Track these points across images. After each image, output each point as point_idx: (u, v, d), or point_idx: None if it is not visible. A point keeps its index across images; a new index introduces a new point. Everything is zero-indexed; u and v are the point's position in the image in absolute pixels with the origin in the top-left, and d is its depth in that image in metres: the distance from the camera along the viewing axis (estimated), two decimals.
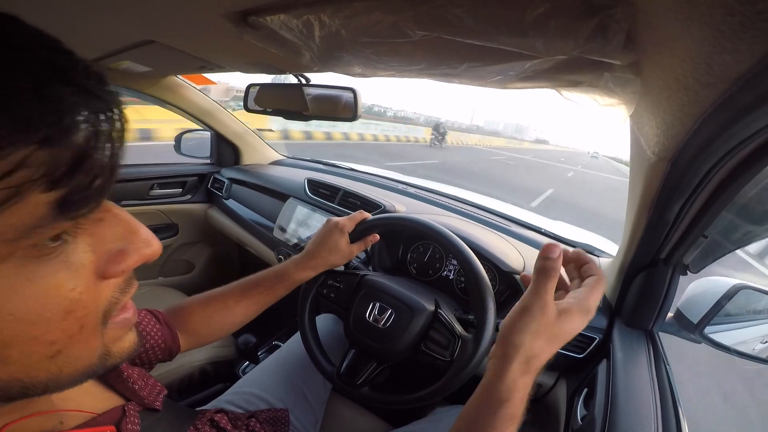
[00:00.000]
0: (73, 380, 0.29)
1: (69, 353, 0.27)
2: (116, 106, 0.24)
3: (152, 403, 0.46)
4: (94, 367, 0.30)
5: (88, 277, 0.27)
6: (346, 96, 1.04)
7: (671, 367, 0.77)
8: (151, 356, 0.61)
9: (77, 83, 0.22)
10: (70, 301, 0.25)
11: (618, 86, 0.46)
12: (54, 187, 0.21)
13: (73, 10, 0.65)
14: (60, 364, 0.26)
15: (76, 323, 0.26)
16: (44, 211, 0.21)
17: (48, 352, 0.25)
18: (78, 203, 0.23)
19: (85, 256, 0.26)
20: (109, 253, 0.28)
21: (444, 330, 0.77)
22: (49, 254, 0.24)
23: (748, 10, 0.25)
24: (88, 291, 0.26)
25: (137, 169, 1.60)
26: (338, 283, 0.86)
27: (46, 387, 0.27)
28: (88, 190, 0.23)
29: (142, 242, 0.30)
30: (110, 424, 0.37)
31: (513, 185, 11.15)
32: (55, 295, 0.24)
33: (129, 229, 0.29)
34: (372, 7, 0.45)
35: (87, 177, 0.22)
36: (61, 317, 0.25)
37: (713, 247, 0.71)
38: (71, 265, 0.25)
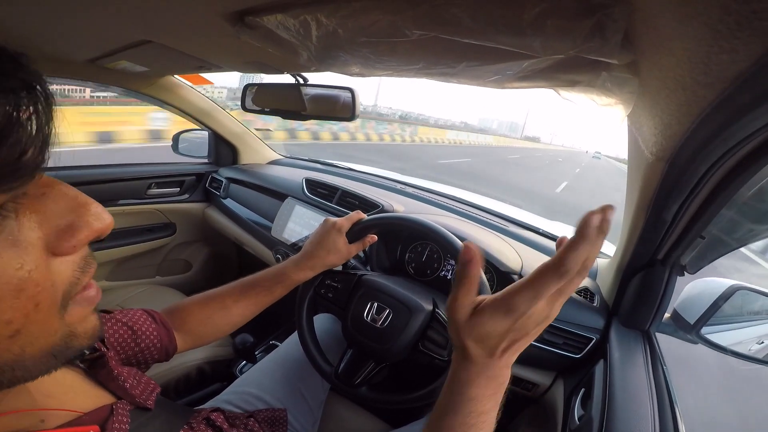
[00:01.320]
0: (39, 362, 0.28)
1: (28, 332, 0.26)
2: (37, 83, 0.24)
3: (144, 402, 0.46)
4: (58, 347, 0.29)
5: (37, 254, 0.26)
6: (344, 96, 1.04)
7: (668, 368, 0.77)
8: (147, 356, 0.61)
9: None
10: (18, 279, 0.25)
11: (615, 86, 0.46)
12: None
13: (69, 10, 0.64)
14: (21, 343, 0.26)
15: (30, 301, 0.26)
16: None
17: (6, 332, 0.25)
18: (8, 176, 0.23)
19: (31, 234, 0.26)
20: (57, 229, 0.28)
21: (442, 329, 0.77)
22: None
23: (744, 10, 0.25)
24: (38, 269, 0.26)
25: (135, 168, 1.59)
26: (336, 283, 0.86)
27: (14, 370, 0.27)
28: (17, 163, 0.23)
29: (92, 216, 0.29)
30: (95, 423, 0.36)
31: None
32: (2, 273, 0.24)
33: (77, 203, 0.29)
34: (369, 6, 0.45)
35: (14, 150, 0.23)
36: (12, 295, 0.25)
37: (710, 248, 0.71)
38: (16, 242, 0.25)
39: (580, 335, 0.88)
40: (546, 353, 0.90)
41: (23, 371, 0.28)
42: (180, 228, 1.80)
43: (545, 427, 0.96)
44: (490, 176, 12.14)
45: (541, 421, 1.00)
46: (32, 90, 0.24)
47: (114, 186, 1.50)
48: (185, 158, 1.81)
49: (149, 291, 1.49)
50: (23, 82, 0.23)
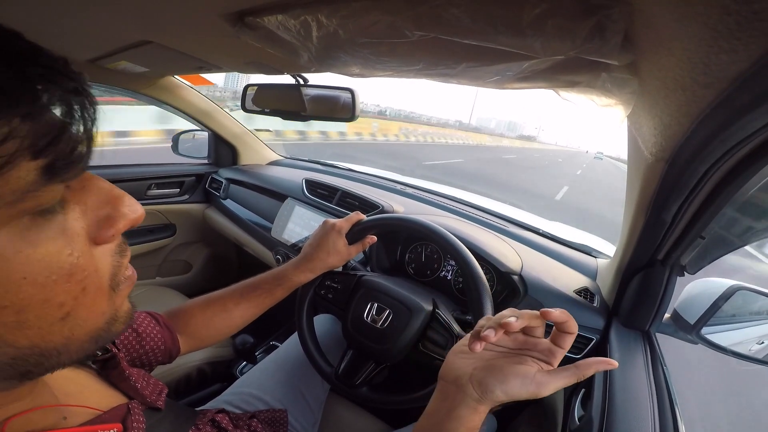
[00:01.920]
0: (82, 347, 0.31)
1: (77, 315, 0.29)
2: (84, 84, 0.27)
3: (155, 402, 0.47)
4: (101, 331, 0.32)
5: (83, 242, 0.29)
6: (344, 96, 1.04)
7: (668, 368, 0.77)
8: (151, 358, 0.61)
9: (47, 65, 0.25)
10: (70, 265, 0.27)
11: (615, 86, 0.46)
12: (39, 155, 0.24)
13: (70, 11, 0.64)
14: (71, 325, 0.29)
15: (78, 285, 0.28)
16: (34, 176, 0.24)
17: (59, 314, 0.28)
18: (63, 169, 0.25)
19: (77, 224, 0.29)
20: (98, 219, 0.30)
21: (442, 330, 0.77)
22: (47, 220, 0.26)
23: (744, 10, 0.25)
24: (84, 255, 0.29)
25: (134, 169, 1.59)
26: (336, 284, 0.86)
27: (59, 354, 0.29)
28: (70, 157, 0.26)
29: (127, 207, 0.32)
30: (116, 421, 0.37)
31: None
32: (57, 259, 0.27)
33: (113, 196, 0.32)
34: (369, 7, 0.45)
35: (67, 146, 0.25)
36: (65, 279, 0.27)
37: (710, 248, 0.71)
38: (66, 231, 0.28)
39: (580, 335, 0.88)
40: None
41: (67, 356, 0.30)
42: (180, 229, 1.80)
43: (545, 428, 0.96)
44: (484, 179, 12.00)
45: (541, 422, 1.00)
46: (82, 92, 0.26)
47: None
48: (185, 159, 1.81)
49: (149, 292, 1.49)
50: (76, 85, 0.26)
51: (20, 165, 0.23)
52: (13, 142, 0.22)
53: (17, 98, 0.23)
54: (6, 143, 0.22)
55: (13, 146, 0.22)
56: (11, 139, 0.22)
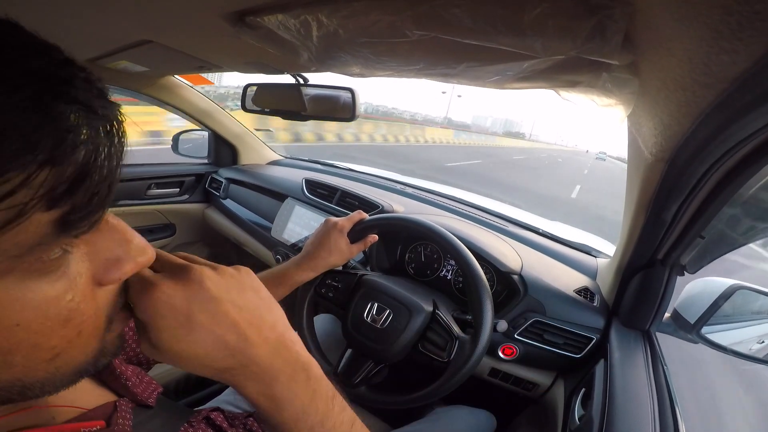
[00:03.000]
0: (68, 380, 0.29)
1: (67, 356, 0.27)
2: (116, 120, 0.24)
3: (146, 400, 0.46)
4: (88, 365, 0.30)
5: (85, 285, 0.27)
6: (344, 96, 1.04)
7: (668, 367, 0.77)
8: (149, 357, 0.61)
9: (79, 100, 0.22)
10: (68, 311, 0.26)
11: (616, 86, 0.46)
12: (54, 205, 0.21)
13: (70, 10, 0.64)
14: (57, 365, 0.27)
15: (74, 330, 0.27)
16: (46, 229, 0.21)
17: (48, 356, 0.26)
18: (78, 221, 0.23)
19: (82, 266, 0.27)
20: (105, 262, 0.28)
21: (441, 331, 0.77)
22: (49, 267, 0.24)
23: (745, 10, 0.25)
24: (85, 300, 0.27)
25: (134, 169, 1.59)
26: (336, 283, 0.86)
27: (43, 386, 0.27)
28: (88, 207, 0.23)
29: (136, 250, 0.30)
30: (101, 419, 0.37)
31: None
32: (55, 305, 0.25)
33: (124, 238, 0.29)
34: (370, 7, 0.45)
35: (86, 195, 0.22)
36: (60, 325, 0.25)
37: (710, 248, 0.71)
38: (69, 276, 0.25)
39: (581, 335, 0.88)
40: (546, 353, 0.90)
41: (51, 387, 0.28)
42: (180, 229, 1.80)
43: (545, 427, 0.96)
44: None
45: (542, 421, 1.00)
46: (112, 128, 0.24)
47: None
48: (185, 159, 1.81)
49: None
50: (107, 120, 0.23)
51: (32, 218, 0.20)
52: (27, 192, 0.19)
53: (37, 143, 0.19)
54: (17, 194, 0.19)
55: (26, 196, 0.19)
56: (25, 188, 0.19)
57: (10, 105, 0.19)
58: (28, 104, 0.19)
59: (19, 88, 0.19)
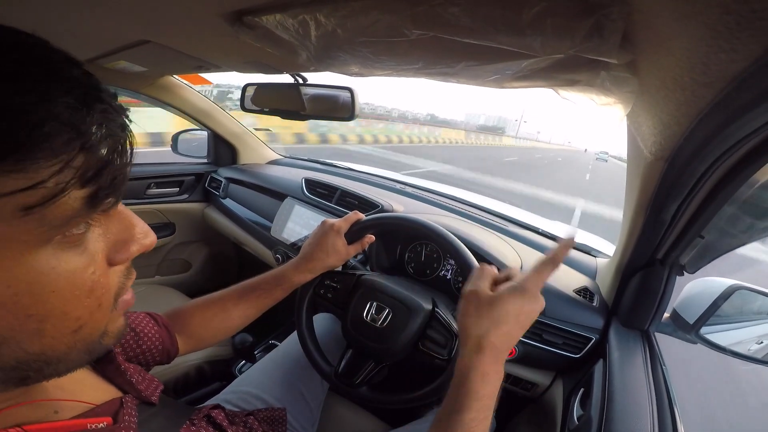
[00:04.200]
0: (79, 357, 0.32)
1: (87, 328, 0.31)
2: (128, 119, 0.30)
3: (149, 397, 0.47)
4: (95, 344, 0.33)
5: (102, 262, 0.31)
6: (343, 95, 1.04)
7: (667, 368, 0.77)
8: (148, 358, 0.61)
9: (107, 102, 0.28)
10: (92, 282, 0.30)
11: (615, 85, 0.46)
12: (86, 184, 0.26)
13: (68, 10, 0.64)
14: (77, 338, 0.31)
15: (96, 301, 0.31)
16: (79, 204, 0.26)
17: (74, 326, 0.30)
18: (104, 198, 0.28)
19: (99, 245, 0.31)
20: (116, 243, 0.33)
21: (441, 329, 0.77)
22: (78, 241, 0.29)
23: (743, 9, 0.25)
24: (103, 274, 0.31)
25: (134, 168, 1.58)
26: (335, 283, 0.86)
27: (59, 362, 0.31)
28: (110, 188, 0.28)
29: (140, 233, 0.35)
30: (108, 415, 0.38)
31: None
32: (81, 276, 0.29)
33: (130, 223, 0.34)
34: (368, 6, 0.45)
35: (109, 177, 0.28)
36: (86, 295, 0.30)
37: (710, 248, 0.71)
38: (90, 251, 0.30)
39: (580, 335, 0.88)
40: (545, 353, 0.90)
41: (65, 365, 0.31)
42: (179, 228, 1.80)
43: (544, 427, 0.96)
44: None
45: (540, 421, 1.00)
46: (126, 128, 0.30)
47: None
48: (184, 158, 1.81)
49: (149, 291, 1.49)
50: (124, 123, 0.29)
51: (71, 193, 0.25)
52: (69, 171, 0.25)
53: (83, 132, 0.25)
54: (64, 171, 0.24)
55: (69, 175, 0.25)
56: (68, 168, 0.25)
57: (63, 104, 0.25)
58: (77, 104, 0.25)
59: (70, 92, 0.25)
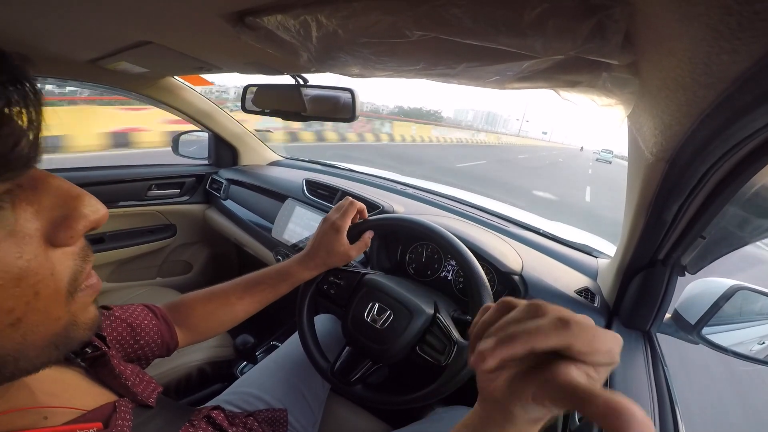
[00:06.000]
0: (41, 352, 0.29)
1: (29, 321, 0.27)
2: (25, 80, 0.25)
3: (146, 400, 0.46)
4: (60, 336, 0.30)
5: (36, 244, 0.27)
6: (344, 97, 1.04)
7: (669, 368, 0.77)
8: (147, 352, 0.61)
9: None
10: (18, 268, 0.26)
11: (616, 86, 0.46)
12: None
13: (69, 11, 0.64)
14: (23, 331, 0.27)
15: (30, 290, 0.27)
16: None
17: (7, 320, 0.26)
18: (3, 167, 0.24)
19: (28, 224, 0.27)
20: (53, 220, 0.29)
21: (441, 335, 0.76)
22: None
23: (746, 10, 0.25)
24: (37, 258, 0.27)
25: (135, 170, 1.59)
26: (339, 280, 0.86)
27: (17, 360, 0.28)
28: (12, 154, 0.24)
29: (86, 207, 0.30)
30: (99, 420, 0.36)
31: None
32: (2, 262, 0.25)
33: (70, 195, 0.30)
34: (370, 7, 0.45)
35: (7, 143, 0.24)
36: (12, 284, 0.26)
37: (711, 248, 0.71)
38: (15, 233, 0.26)
39: None
40: None
41: (26, 362, 0.28)
42: (180, 229, 1.80)
43: (545, 429, 0.96)
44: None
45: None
46: (21, 85, 0.25)
47: (114, 188, 1.51)
48: (185, 160, 1.81)
49: (150, 292, 1.49)
50: (13, 78, 0.25)
51: None
52: None
53: None
54: None
55: None
56: None
57: None
58: None
59: None
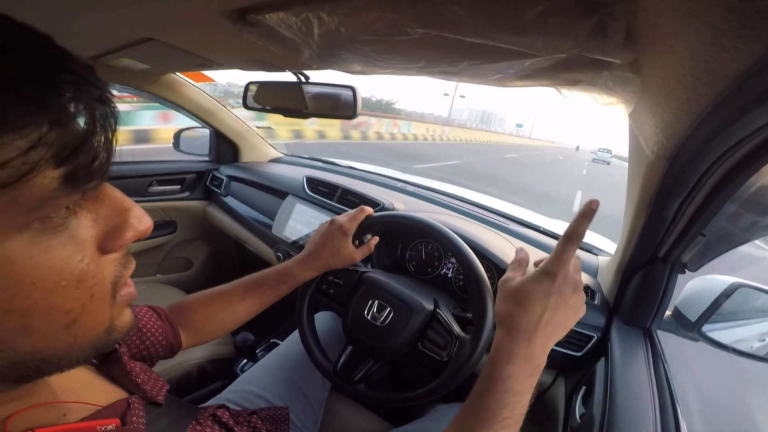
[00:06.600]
0: (83, 353, 0.31)
1: (83, 323, 0.29)
2: (109, 94, 0.27)
3: (155, 397, 0.47)
4: (101, 339, 0.32)
5: (92, 250, 0.29)
6: (345, 94, 1.04)
7: (669, 365, 0.77)
8: (152, 352, 0.62)
9: (74, 72, 0.25)
10: (80, 271, 0.28)
11: (617, 85, 0.46)
12: (62, 164, 0.24)
13: (72, 8, 0.64)
14: (75, 333, 0.29)
15: (87, 292, 0.29)
16: (55, 185, 0.24)
17: (65, 321, 0.28)
18: (83, 179, 0.26)
19: (88, 231, 0.29)
20: (107, 229, 0.31)
21: (442, 330, 0.77)
22: (59, 226, 0.26)
23: (747, 8, 0.25)
24: (93, 263, 0.29)
25: (136, 166, 1.59)
26: (338, 279, 0.86)
27: (60, 360, 0.29)
28: (90, 167, 0.26)
29: (135, 218, 0.33)
30: (115, 416, 0.37)
31: None
32: (67, 264, 0.27)
33: (123, 207, 0.32)
34: (371, 4, 0.45)
35: (88, 156, 0.25)
36: (74, 285, 0.27)
37: (711, 246, 0.71)
38: (77, 238, 0.28)
39: (581, 333, 0.89)
40: None
41: (67, 362, 0.30)
42: (181, 226, 1.80)
43: (546, 425, 0.96)
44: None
45: (542, 419, 1.00)
46: (106, 102, 0.27)
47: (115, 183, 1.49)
48: (186, 156, 1.81)
49: (150, 289, 1.49)
50: (101, 94, 0.27)
51: (44, 173, 0.23)
52: (41, 150, 0.22)
53: (47, 105, 0.23)
54: (34, 150, 0.22)
55: (40, 154, 0.22)
56: (39, 146, 0.22)
57: (19, 76, 0.22)
58: (36, 75, 0.23)
59: (25, 63, 0.23)
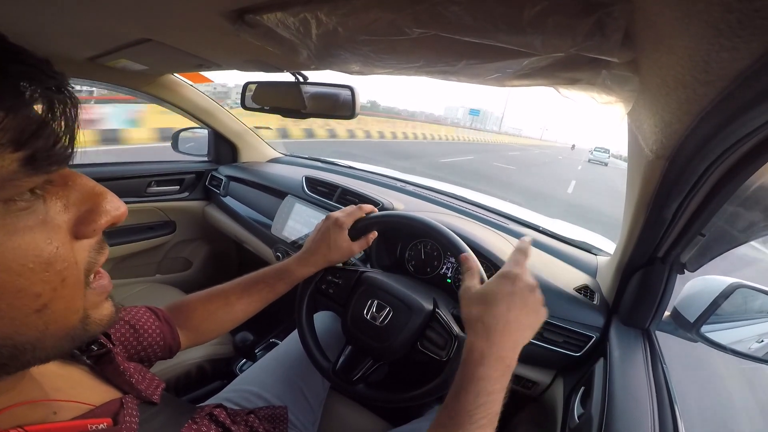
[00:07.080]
0: (58, 343, 0.31)
1: (54, 308, 0.29)
2: (66, 84, 0.28)
3: (150, 396, 0.46)
4: (76, 330, 0.32)
5: (64, 234, 0.30)
6: (344, 94, 1.04)
7: (668, 366, 0.77)
8: (150, 353, 0.61)
9: (30, 63, 0.26)
10: (49, 254, 0.28)
11: (616, 84, 0.46)
12: (21, 147, 0.25)
13: (69, 8, 0.64)
14: (46, 319, 0.29)
15: (57, 276, 0.29)
16: (15, 166, 0.25)
17: (34, 305, 0.28)
18: (43, 161, 0.26)
19: (59, 217, 0.30)
20: (79, 214, 0.31)
21: (441, 330, 0.77)
22: (26, 209, 0.27)
23: (746, 8, 0.25)
24: (64, 246, 0.29)
25: (134, 166, 1.59)
26: (337, 279, 0.86)
27: (35, 348, 0.29)
28: (51, 151, 0.27)
29: (108, 204, 0.33)
30: (107, 416, 0.37)
31: None
32: (35, 247, 0.27)
33: (95, 193, 0.33)
34: (369, 4, 0.45)
35: (48, 141, 0.26)
36: (42, 268, 0.28)
37: (710, 246, 0.71)
38: (46, 222, 0.28)
39: (580, 333, 0.88)
40: (546, 351, 0.90)
41: (42, 351, 0.30)
42: (180, 226, 1.80)
43: (545, 426, 0.96)
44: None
45: (541, 420, 1.00)
46: (63, 91, 0.28)
47: (113, 184, 1.50)
48: (185, 156, 1.81)
49: (149, 289, 1.49)
50: (58, 84, 0.27)
51: (3, 155, 0.24)
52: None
53: (2, 93, 0.24)
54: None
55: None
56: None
57: None
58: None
59: None
